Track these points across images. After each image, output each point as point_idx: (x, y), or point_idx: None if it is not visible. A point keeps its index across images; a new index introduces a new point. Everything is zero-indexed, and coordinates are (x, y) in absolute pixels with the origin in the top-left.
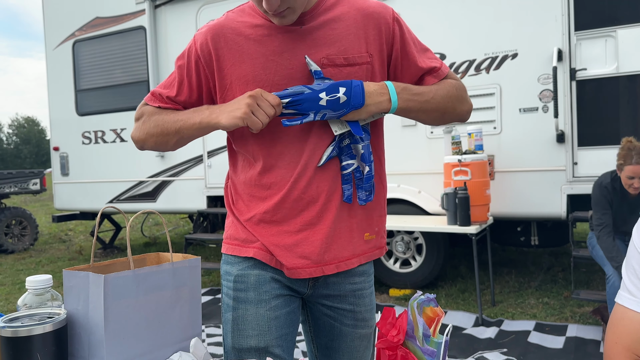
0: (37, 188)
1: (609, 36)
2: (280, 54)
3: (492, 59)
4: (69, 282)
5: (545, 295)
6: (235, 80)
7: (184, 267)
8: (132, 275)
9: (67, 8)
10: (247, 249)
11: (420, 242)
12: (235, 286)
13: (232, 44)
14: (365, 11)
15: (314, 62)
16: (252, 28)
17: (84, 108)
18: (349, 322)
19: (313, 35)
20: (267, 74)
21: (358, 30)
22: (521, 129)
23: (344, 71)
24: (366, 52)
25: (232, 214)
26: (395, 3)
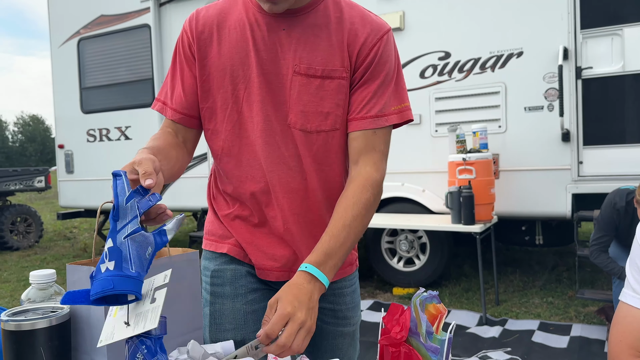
0: (42, 185)
1: (615, 34)
2: (257, 52)
3: (498, 57)
4: (73, 277)
5: (550, 295)
6: (213, 70)
7: (182, 260)
8: None
9: (72, 6)
10: (223, 244)
11: (424, 240)
12: (212, 281)
13: (216, 35)
14: (353, 24)
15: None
16: (238, 22)
17: (89, 106)
18: (329, 320)
19: (293, 39)
20: (244, 69)
21: (340, 42)
22: (526, 128)
23: (314, 83)
24: (341, 66)
25: (212, 209)
26: (401, 0)
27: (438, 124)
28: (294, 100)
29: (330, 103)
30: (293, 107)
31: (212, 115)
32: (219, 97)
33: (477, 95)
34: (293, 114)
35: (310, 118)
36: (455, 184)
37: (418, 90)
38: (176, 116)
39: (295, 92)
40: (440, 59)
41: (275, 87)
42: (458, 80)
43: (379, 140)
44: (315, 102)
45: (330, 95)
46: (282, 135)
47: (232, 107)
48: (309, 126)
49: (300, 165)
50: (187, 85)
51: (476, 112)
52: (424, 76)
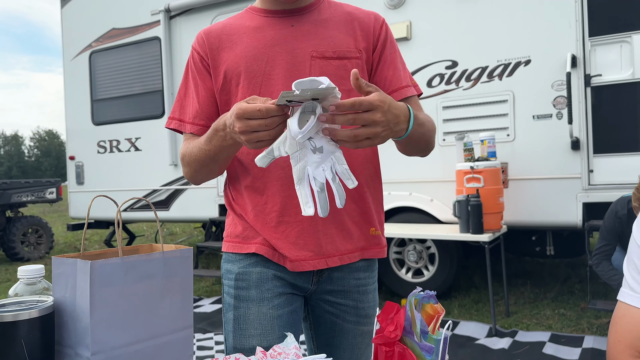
0: (54, 197)
1: (624, 42)
2: (271, 47)
3: (505, 65)
4: (58, 269)
5: (562, 307)
6: (229, 70)
7: (175, 257)
8: (121, 263)
9: (84, 19)
10: (249, 245)
11: (433, 251)
12: (237, 284)
13: (225, 40)
14: (354, 15)
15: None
16: (247, 28)
17: (100, 117)
18: (351, 318)
19: (304, 31)
20: (258, 64)
21: (347, 29)
22: (535, 136)
23: (332, 64)
24: (355, 47)
25: (232, 211)
26: (407, 10)
27: (446, 133)
28: None
29: (348, 80)
30: None
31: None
32: (238, 95)
33: (485, 104)
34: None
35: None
36: (464, 193)
37: (425, 99)
38: (195, 128)
39: (316, 74)
40: (448, 67)
41: (295, 74)
42: (465, 89)
43: (416, 103)
44: (336, 81)
45: (347, 73)
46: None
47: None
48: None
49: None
50: (202, 97)
51: (484, 120)
52: (431, 85)
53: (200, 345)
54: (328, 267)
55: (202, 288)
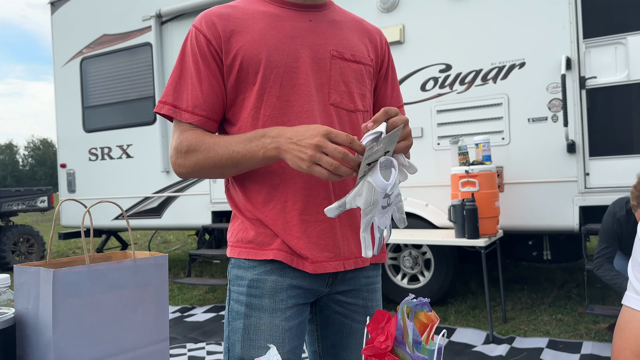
0: (45, 205)
1: (619, 43)
2: (292, 38)
3: (499, 68)
4: (20, 279)
5: (559, 312)
6: (246, 60)
7: (149, 264)
8: (87, 271)
9: (75, 26)
10: (265, 251)
11: (429, 257)
12: (249, 291)
13: (241, 25)
14: (364, 25)
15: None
16: (262, 14)
17: (91, 124)
18: (360, 317)
19: (322, 29)
20: (281, 55)
21: (360, 36)
22: (530, 139)
23: (351, 66)
24: (368, 56)
25: (242, 214)
26: (400, 13)
27: (440, 137)
28: (335, 81)
29: (364, 85)
30: (335, 87)
31: (247, 104)
32: (257, 85)
33: (480, 107)
34: (336, 94)
35: (352, 98)
36: (459, 197)
37: (419, 103)
38: (194, 119)
39: (336, 74)
40: (441, 71)
41: (315, 70)
42: (460, 93)
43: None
44: (354, 83)
45: (364, 78)
46: (324, 116)
47: (271, 92)
48: (351, 105)
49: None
50: (205, 86)
51: (479, 124)
52: (425, 89)
53: (192, 356)
54: (344, 270)
55: (195, 297)
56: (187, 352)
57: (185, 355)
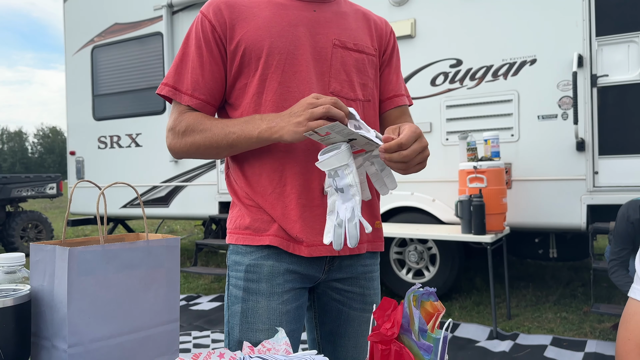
0: (54, 192)
1: (632, 42)
2: (295, 27)
3: (510, 64)
4: (36, 257)
5: (564, 310)
6: (249, 46)
7: (161, 246)
8: (102, 251)
9: (87, 14)
10: (261, 237)
11: (434, 252)
12: (247, 276)
13: (246, 13)
14: (370, 16)
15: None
16: (267, 2)
17: (101, 113)
18: (357, 305)
19: (326, 18)
20: (283, 42)
21: (365, 27)
22: (540, 137)
23: (353, 55)
24: (371, 45)
25: (240, 201)
26: (412, 7)
27: (449, 132)
28: (336, 70)
29: (367, 75)
30: (335, 76)
31: (250, 89)
32: (259, 70)
33: (489, 104)
34: (336, 82)
35: (352, 87)
36: (466, 193)
37: (429, 98)
38: (193, 101)
39: (337, 63)
40: (452, 66)
41: (317, 59)
42: (470, 88)
43: (409, 114)
44: (355, 72)
45: (366, 68)
46: None
47: (273, 78)
48: (351, 94)
49: None
50: (207, 71)
51: (488, 120)
52: (435, 84)
53: (197, 343)
54: (339, 256)
55: (201, 285)
56: (192, 339)
57: (191, 343)
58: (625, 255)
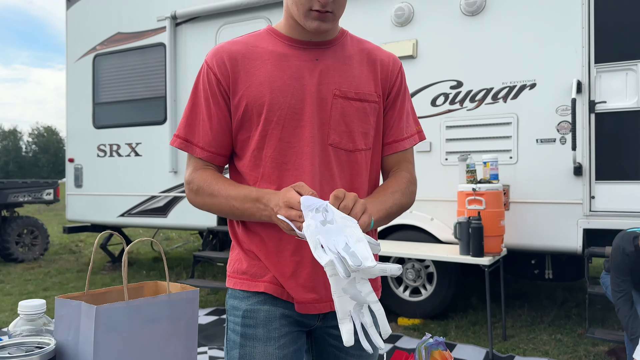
0: (51, 198)
1: (630, 70)
2: (296, 79)
3: (510, 88)
4: (61, 311)
5: (559, 332)
6: (250, 102)
7: (181, 299)
8: (126, 307)
9: (90, 22)
10: (257, 283)
11: (432, 270)
12: (244, 322)
13: (248, 66)
14: (376, 56)
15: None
16: (269, 53)
17: (101, 121)
18: (354, 352)
19: (328, 67)
20: (284, 97)
21: (370, 70)
22: (538, 160)
23: (354, 105)
24: (375, 92)
25: (239, 245)
26: (414, 28)
27: (448, 152)
28: (336, 121)
29: (368, 124)
30: (335, 127)
31: (251, 143)
32: (260, 126)
33: (489, 125)
34: (335, 134)
35: (352, 137)
36: (465, 214)
37: (429, 117)
38: (204, 154)
39: (337, 114)
40: (452, 87)
41: (317, 110)
42: (469, 110)
43: (409, 154)
44: (356, 122)
45: (368, 116)
46: (322, 156)
47: (273, 134)
48: (351, 145)
49: (340, 184)
50: (215, 124)
51: (487, 142)
52: (436, 104)
53: None
54: (332, 310)
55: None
56: None
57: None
58: (627, 287)
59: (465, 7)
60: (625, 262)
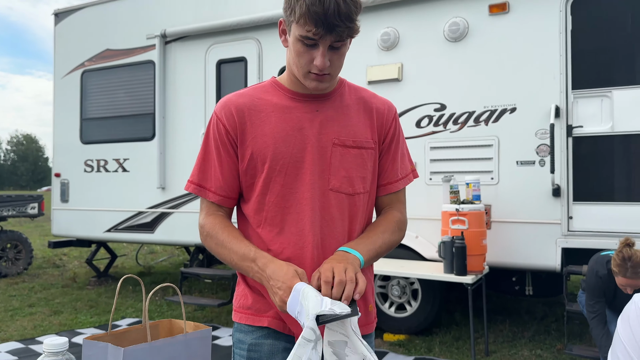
0: (35, 212)
1: (605, 96)
2: (299, 130)
3: (491, 111)
4: (88, 351)
5: (539, 347)
6: (256, 151)
7: (196, 338)
8: (149, 348)
9: (78, 38)
10: (262, 318)
11: (417, 287)
12: (249, 355)
13: (254, 118)
14: (372, 104)
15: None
16: (273, 106)
17: (89, 136)
18: None
19: (327, 117)
20: (287, 147)
21: (366, 119)
22: (518, 181)
23: (351, 152)
24: (371, 139)
25: (244, 281)
26: (399, 52)
27: (432, 172)
28: (335, 168)
29: (366, 169)
30: (335, 173)
31: (255, 189)
32: (264, 173)
33: (471, 147)
34: (335, 180)
35: (351, 182)
36: (448, 234)
37: (414, 139)
38: (216, 198)
39: (336, 161)
40: (436, 110)
41: (317, 158)
42: (453, 132)
43: (402, 194)
44: (354, 167)
45: (365, 162)
46: (323, 201)
47: (276, 181)
48: (350, 189)
49: (339, 226)
50: (225, 171)
51: (469, 163)
52: (420, 126)
53: None
54: None
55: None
56: None
57: None
58: (600, 308)
59: (449, 33)
60: (598, 284)
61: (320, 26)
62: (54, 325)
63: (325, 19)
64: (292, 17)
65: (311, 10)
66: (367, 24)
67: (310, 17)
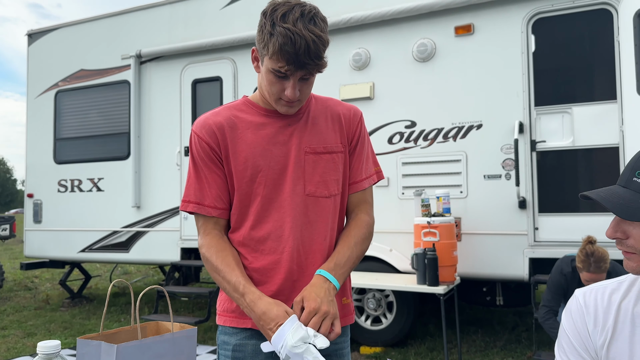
0: (7, 234)
1: (566, 112)
2: (274, 144)
3: (459, 128)
4: (82, 350)
5: (510, 355)
6: (236, 165)
7: (183, 336)
8: (140, 345)
9: (52, 59)
10: (245, 320)
11: (392, 299)
12: (234, 355)
13: (232, 135)
14: (339, 110)
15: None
16: (248, 123)
17: (62, 156)
18: None
19: (299, 129)
20: (264, 160)
21: (334, 126)
22: (486, 194)
23: (324, 157)
24: (340, 143)
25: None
26: (371, 72)
27: (405, 187)
28: (310, 174)
29: (338, 171)
30: (310, 179)
31: (240, 203)
32: (244, 187)
33: (441, 162)
34: (311, 185)
35: (326, 185)
36: (421, 246)
37: (386, 154)
38: (217, 212)
39: (310, 168)
40: (407, 127)
41: (293, 167)
42: (423, 148)
43: (368, 194)
44: (328, 172)
45: (337, 165)
46: (303, 206)
47: (257, 192)
48: (325, 192)
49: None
50: (217, 184)
51: (440, 177)
52: (392, 142)
53: None
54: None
55: None
56: None
57: None
58: (554, 306)
59: (417, 54)
60: (560, 282)
61: (292, 64)
62: (28, 347)
63: (296, 57)
64: (265, 51)
65: (283, 49)
66: (340, 45)
67: (282, 55)
